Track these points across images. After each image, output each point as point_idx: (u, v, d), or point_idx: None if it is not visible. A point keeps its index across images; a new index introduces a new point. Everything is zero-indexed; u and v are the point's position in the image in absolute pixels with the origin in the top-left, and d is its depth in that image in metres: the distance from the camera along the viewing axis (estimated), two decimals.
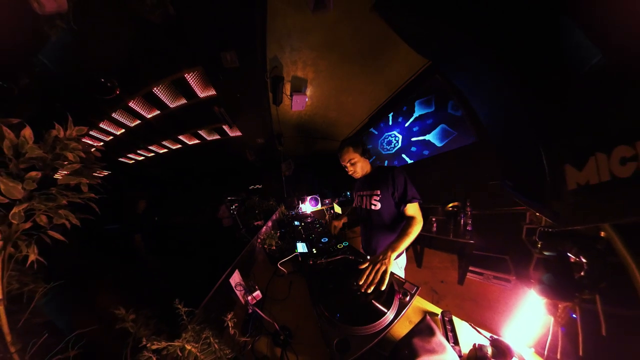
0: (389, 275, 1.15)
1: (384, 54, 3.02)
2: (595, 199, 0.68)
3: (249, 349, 1.07)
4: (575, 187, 0.73)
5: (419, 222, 1.48)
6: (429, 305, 1.17)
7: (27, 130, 0.55)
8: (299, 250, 1.92)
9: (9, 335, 0.46)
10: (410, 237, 1.40)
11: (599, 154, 0.66)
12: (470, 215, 3.10)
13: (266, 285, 1.63)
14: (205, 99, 3.37)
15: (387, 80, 3.87)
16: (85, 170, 0.75)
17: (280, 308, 1.37)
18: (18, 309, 0.51)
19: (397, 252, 1.28)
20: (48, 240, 0.60)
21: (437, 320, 1.02)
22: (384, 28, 2.29)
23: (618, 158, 0.62)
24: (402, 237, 1.38)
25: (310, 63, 3.07)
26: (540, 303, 0.77)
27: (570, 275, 0.69)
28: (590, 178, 0.68)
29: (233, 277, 1.40)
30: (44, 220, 0.60)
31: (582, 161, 0.71)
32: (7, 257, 0.50)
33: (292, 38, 2.58)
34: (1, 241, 0.49)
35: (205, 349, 0.79)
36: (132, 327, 0.74)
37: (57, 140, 0.67)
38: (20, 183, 0.53)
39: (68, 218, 0.67)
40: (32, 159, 0.57)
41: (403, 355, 0.84)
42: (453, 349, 0.86)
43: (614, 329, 0.68)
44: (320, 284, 1.36)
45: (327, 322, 1.02)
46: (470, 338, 0.94)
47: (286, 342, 1.07)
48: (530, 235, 2.25)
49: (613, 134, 0.64)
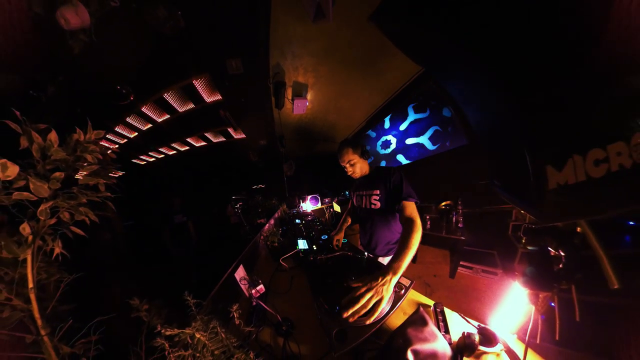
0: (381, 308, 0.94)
1: (380, 61, 3.04)
2: (573, 197, 0.70)
3: (253, 338, 1.09)
4: (555, 186, 0.75)
5: (419, 228, 1.26)
6: (422, 297, 1.19)
7: (52, 134, 0.57)
8: (300, 246, 1.94)
9: (40, 320, 0.48)
10: (412, 250, 1.16)
11: (576, 156, 0.68)
12: (461, 214, 3.12)
13: (269, 279, 1.64)
14: (212, 103, 3.39)
15: (384, 85, 3.90)
16: (102, 171, 0.77)
17: (282, 301, 1.38)
18: (46, 296, 0.53)
19: (400, 273, 1.05)
20: (70, 235, 0.62)
21: (429, 312, 1.04)
22: (380, 37, 2.31)
23: (592, 160, 0.65)
24: (404, 251, 1.14)
25: (310, 69, 3.10)
26: (523, 293, 0.79)
27: (550, 268, 0.71)
28: (569, 178, 0.70)
29: (238, 272, 1.41)
30: (66, 217, 0.62)
31: (561, 163, 0.73)
32: (36, 250, 0.52)
33: (293, 46, 2.60)
34: (31, 235, 0.51)
35: (212, 337, 0.81)
36: (146, 316, 0.75)
37: (78, 144, 0.69)
38: (46, 183, 0.55)
39: (87, 215, 0.69)
40: (57, 161, 0.59)
41: (398, 344, 0.86)
42: (444, 338, 0.88)
43: (586, 315, 0.71)
44: (320, 278, 1.38)
45: (326, 314, 1.04)
46: (460, 327, 0.96)
47: (288, 333, 1.08)
48: (516, 231, 2.30)
49: (588, 138, 0.66)
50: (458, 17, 1.00)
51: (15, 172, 0.49)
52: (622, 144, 0.61)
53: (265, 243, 2.18)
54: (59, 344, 0.48)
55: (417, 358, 0.79)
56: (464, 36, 1.03)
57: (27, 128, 0.52)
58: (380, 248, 1.77)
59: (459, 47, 1.05)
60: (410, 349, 0.81)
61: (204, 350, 0.77)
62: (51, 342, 0.47)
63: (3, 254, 0.47)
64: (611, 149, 0.62)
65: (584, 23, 0.70)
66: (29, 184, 0.52)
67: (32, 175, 0.52)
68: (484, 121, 1.41)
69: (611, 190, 0.63)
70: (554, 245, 0.72)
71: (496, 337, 0.82)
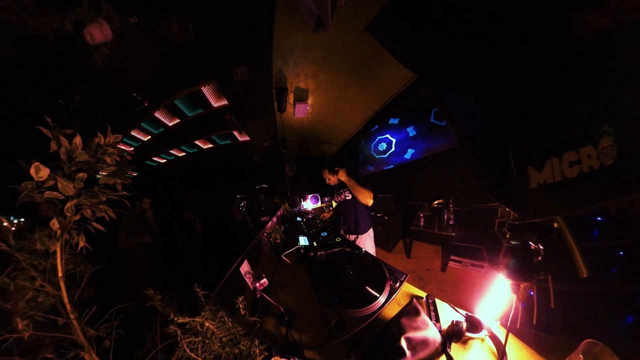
0: None
1: (377, 68, 3.07)
2: (551, 195, 0.73)
3: (257, 327, 1.11)
4: (536, 186, 0.77)
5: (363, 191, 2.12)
6: (415, 290, 1.21)
7: (77, 138, 0.60)
8: (301, 243, 1.96)
9: (69, 305, 0.51)
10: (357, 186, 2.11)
11: (553, 158, 0.71)
12: (452, 211, 3.15)
13: (272, 273, 1.66)
14: (219, 108, 3.42)
15: (380, 91, 3.91)
16: (119, 172, 0.79)
17: (285, 293, 1.40)
18: (73, 285, 0.56)
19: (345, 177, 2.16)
20: (92, 230, 0.65)
21: (422, 303, 1.06)
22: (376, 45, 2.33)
23: (567, 162, 0.67)
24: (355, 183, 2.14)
25: (311, 75, 3.12)
26: (507, 284, 0.82)
27: (530, 260, 0.74)
28: (547, 178, 0.73)
29: (243, 266, 1.43)
30: (88, 214, 0.64)
31: (541, 164, 0.76)
32: (64, 243, 0.55)
33: (295, 54, 2.63)
34: (59, 230, 0.54)
35: (220, 326, 0.83)
36: (160, 305, 0.78)
37: (99, 147, 0.72)
38: (71, 182, 0.58)
39: (107, 212, 0.72)
40: (80, 163, 0.62)
41: (392, 332, 0.88)
42: (435, 326, 0.90)
43: (559, 301, 0.74)
44: (320, 272, 1.40)
45: (326, 305, 1.06)
46: (449, 316, 0.99)
47: (290, 323, 1.11)
48: (501, 227, 2.34)
49: (563, 141, 0.69)
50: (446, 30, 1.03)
51: (46, 174, 0.52)
52: (591, 148, 0.64)
53: (268, 240, 2.20)
54: (85, 327, 0.51)
55: (410, 345, 0.82)
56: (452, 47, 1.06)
57: (57, 133, 0.55)
58: (361, 226, 2.37)
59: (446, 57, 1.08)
60: (403, 337, 0.83)
61: (212, 337, 0.79)
62: (79, 325, 0.50)
63: (37, 246, 0.50)
64: (582, 151, 0.65)
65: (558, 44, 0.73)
66: (57, 184, 0.55)
67: (59, 176, 0.54)
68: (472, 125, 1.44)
69: (583, 189, 0.66)
70: (534, 240, 0.75)
71: (481, 324, 0.85)
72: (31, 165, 0.50)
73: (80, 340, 0.50)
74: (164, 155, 4.79)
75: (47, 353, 0.46)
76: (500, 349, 0.76)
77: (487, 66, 0.91)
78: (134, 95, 2.32)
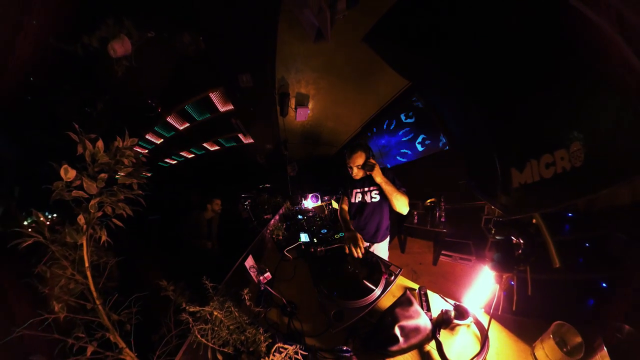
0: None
1: (373, 75, 3.09)
2: (530, 194, 0.75)
3: (262, 317, 1.13)
4: (518, 185, 0.80)
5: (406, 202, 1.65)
6: (409, 282, 1.23)
7: (99, 142, 0.63)
8: (302, 239, 1.96)
9: (95, 292, 0.53)
10: (396, 192, 1.59)
11: (532, 160, 0.74)
12: (444, 209, 3.18)
13: (275, 268, 1.67)
14: (225, 112, 3.46)
15: (376, 96, 3.94)
16: (135, 173, 0.82)
17: (287, 286, 1.41)
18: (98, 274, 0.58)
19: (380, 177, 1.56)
20: (113, 226, 0.67)
21: (415, 294, 1.09)
22: (373, 55, 2.37)
23: (544, 163, 0.70)
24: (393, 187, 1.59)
25: (311, 82, 3.16)
26: (491, 275, 0.84)
27: (512, 253, 0.77)
28: (527, 179, 0.75)
29: (247, 261, 1.44)
30: (109, 211, 0.67)
31: (522, 166, 0.78)
32: (89, 236, 0.57)
33: (297, 62, 2.66)
34: (85, 225, 0.57)
35: (227, 315, 0.85)
36: (172, 295, 0.80)
37: (118, 150, 0.74)
38: (95, 182, 0.60)
39: (125, 210, 0.74)
40: (102, 164, 0.64)
41: (387, 321, 0.91)
42: (426, 315, 0.92)
43: (535, 289, 0.77)
44: (320, 267, 1.41)
45: (325, 297, 1.08)
46: (439, 305, 1.00)
47: (292, 313, 1.12)
48: (487, 223, 2.32)
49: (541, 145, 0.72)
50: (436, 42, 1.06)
51: (73, 175, 0.55)
52: (564, 151, 0.67)
53: (271, 236, 2.21)
54: (109, 312, 0.54)
55: (403, 332, 0.84)
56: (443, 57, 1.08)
57: (83, 138, 0.58)
58: (381, 234, 1.91)
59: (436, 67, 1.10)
60: (397, 325, 0.86)
61: (221, 325, 0.81)
62: (104, 309, 0.52)
63: (67, 239, 0.53)
64: (557, 154, 0.67)
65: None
66: (82, 183, 0.57)
67: (85, 177, 0.57)
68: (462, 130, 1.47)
69: (557, 188, 0.69)
70: (515, 235, 0.77)
71: (468, 311, 0.88)
72: (61, 167, 0.53)
73: (105, 323, 0.52)
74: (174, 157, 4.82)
75: (78, 332, 0.49)
76: (483, 333, 0.79)
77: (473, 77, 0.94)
78: (149, 102, 2.35)
